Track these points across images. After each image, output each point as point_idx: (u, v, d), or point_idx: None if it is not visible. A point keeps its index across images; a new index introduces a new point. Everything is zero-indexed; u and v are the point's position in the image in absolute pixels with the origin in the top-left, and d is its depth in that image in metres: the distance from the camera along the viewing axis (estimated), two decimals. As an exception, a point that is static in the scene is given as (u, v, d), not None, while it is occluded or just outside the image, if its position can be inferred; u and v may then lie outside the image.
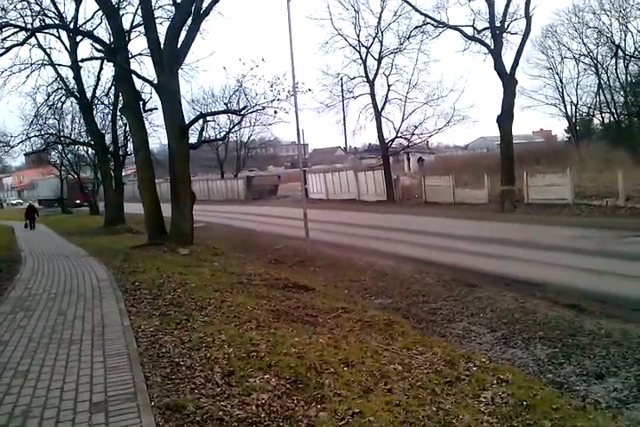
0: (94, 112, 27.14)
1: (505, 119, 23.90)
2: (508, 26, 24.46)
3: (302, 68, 29.05)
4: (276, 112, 14.97)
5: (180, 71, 15.87)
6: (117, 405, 4.05)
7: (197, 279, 9.16)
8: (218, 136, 27.81)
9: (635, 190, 19.79)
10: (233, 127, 25.96)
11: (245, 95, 15.77)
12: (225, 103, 16.65)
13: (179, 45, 14.35)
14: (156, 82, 14.92)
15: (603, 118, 41.96)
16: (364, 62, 32.29)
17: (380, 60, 31.93)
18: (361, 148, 62.20)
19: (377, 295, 10.18)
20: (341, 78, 33.20)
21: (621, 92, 37.99)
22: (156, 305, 7.39)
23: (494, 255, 13.05)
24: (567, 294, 9.15)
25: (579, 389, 5.55)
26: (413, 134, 32.60)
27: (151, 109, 19.07)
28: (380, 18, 30.84)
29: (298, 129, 15.03)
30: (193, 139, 19.88)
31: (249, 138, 57.17)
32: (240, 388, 4.42)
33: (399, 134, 32.73)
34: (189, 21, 14.36)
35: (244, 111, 15.68)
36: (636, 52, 34.16)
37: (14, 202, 73.39)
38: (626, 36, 35.96)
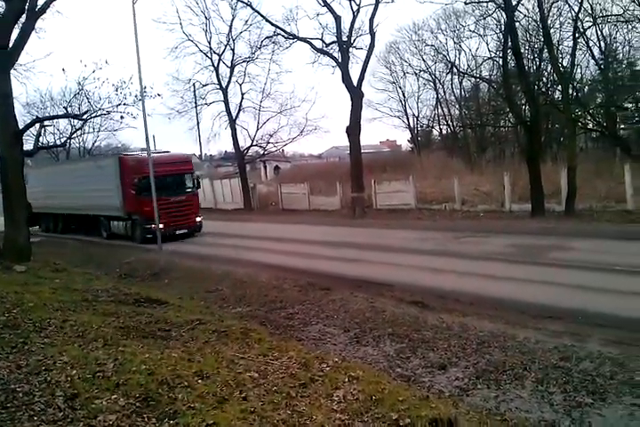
0: None
1: (353, 130, 24.90)
2: (354, 41, 25.74)
3: (151, 72, 27.72)
4: (122, 117, 14.37)
5: (12, 72, 14.54)
6: None
7: (36, 298, 8.34)
8: (57, 142, 25.73)
9: (469, 195, 22.05)
10: (74, 132, 24.32)
11: (88, 99, 14.83)
12: (65, 107, 15.49)
13: (10, 44, 13.17)
14: (-17, 83, 13.50)
15: (441, 130, 45.46)
16: (217, 69, 31.89)
17: (232, 68, 31.75)
18: (217, 155, 61.48)
19: (235, 304, 10.08)
20: (193, 84, 32.48)
21: (456, 106, 41.53)
22: (-13, 329, 6.62)
23: (347, 259, 13.64)
24: (412, 291, 9.83)
25: (424, 380, 5.95)
26: (269, 143, 32.99)
27: (-22, 113, 17.15)
28: (231, 26, 30.68)
29: (147, 135, 14.46)
30: (29, 145, 18.20)
31: (93, 144, 53.53)
32: (85, 411, 4.11)
33: (255, 142, 32.91)
34: (23, 18, 13.23)
35: (86, 116, 14.78)
36: (469, 70, 37.43)
37: None
38: (460, 54, 39.43)
